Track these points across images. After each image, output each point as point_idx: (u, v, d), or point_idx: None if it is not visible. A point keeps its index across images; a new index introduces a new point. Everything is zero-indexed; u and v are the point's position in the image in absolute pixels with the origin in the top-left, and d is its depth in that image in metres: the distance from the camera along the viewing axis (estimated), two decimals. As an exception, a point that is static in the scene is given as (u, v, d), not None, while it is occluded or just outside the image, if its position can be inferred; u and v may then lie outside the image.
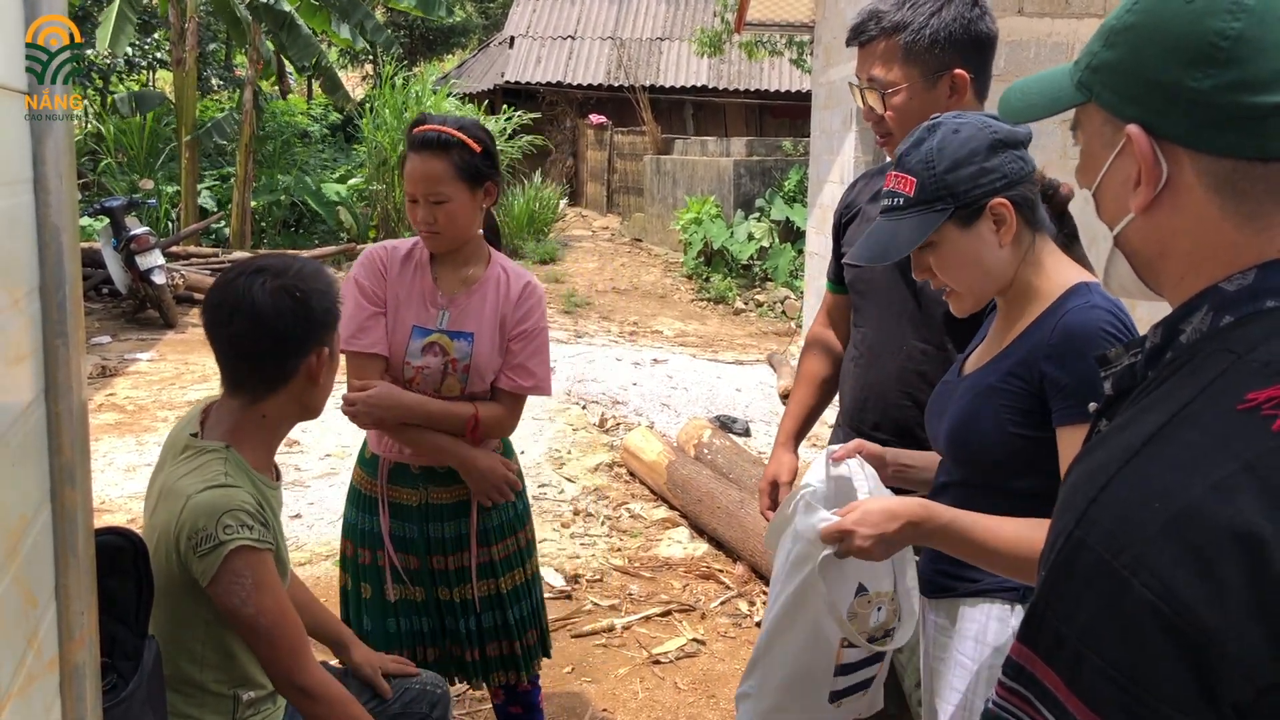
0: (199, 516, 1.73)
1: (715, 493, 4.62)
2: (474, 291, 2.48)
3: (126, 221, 9.21)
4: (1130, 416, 0.87)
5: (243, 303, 1.81)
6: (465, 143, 2.39)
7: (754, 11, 9.85)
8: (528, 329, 2.49)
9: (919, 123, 1.92)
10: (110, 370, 7.67)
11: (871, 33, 2.01)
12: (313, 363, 1.87)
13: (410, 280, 2.47)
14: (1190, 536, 0.74)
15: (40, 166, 1.16)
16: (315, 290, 1.87)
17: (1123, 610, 0.75)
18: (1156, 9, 0.88)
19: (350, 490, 2.63)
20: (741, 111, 20.28)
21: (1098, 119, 0.95)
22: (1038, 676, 0.82)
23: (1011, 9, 5.60)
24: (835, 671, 1.82)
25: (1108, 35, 0.93)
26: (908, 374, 2.09)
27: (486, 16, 27.27)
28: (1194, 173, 0.87)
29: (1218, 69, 0.84)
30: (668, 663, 3.62)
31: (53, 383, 1.19)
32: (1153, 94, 0.88)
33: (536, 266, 13.24)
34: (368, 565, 2.55)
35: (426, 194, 2.38)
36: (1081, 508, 0.81)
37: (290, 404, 1.90)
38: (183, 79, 12.77)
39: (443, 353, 2.44)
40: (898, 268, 2.11)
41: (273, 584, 1.78)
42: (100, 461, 5.54)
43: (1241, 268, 0.86)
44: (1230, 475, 0.75)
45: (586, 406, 6.66)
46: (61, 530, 1.20)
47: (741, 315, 10.91)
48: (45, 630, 1.18)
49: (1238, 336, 0.84)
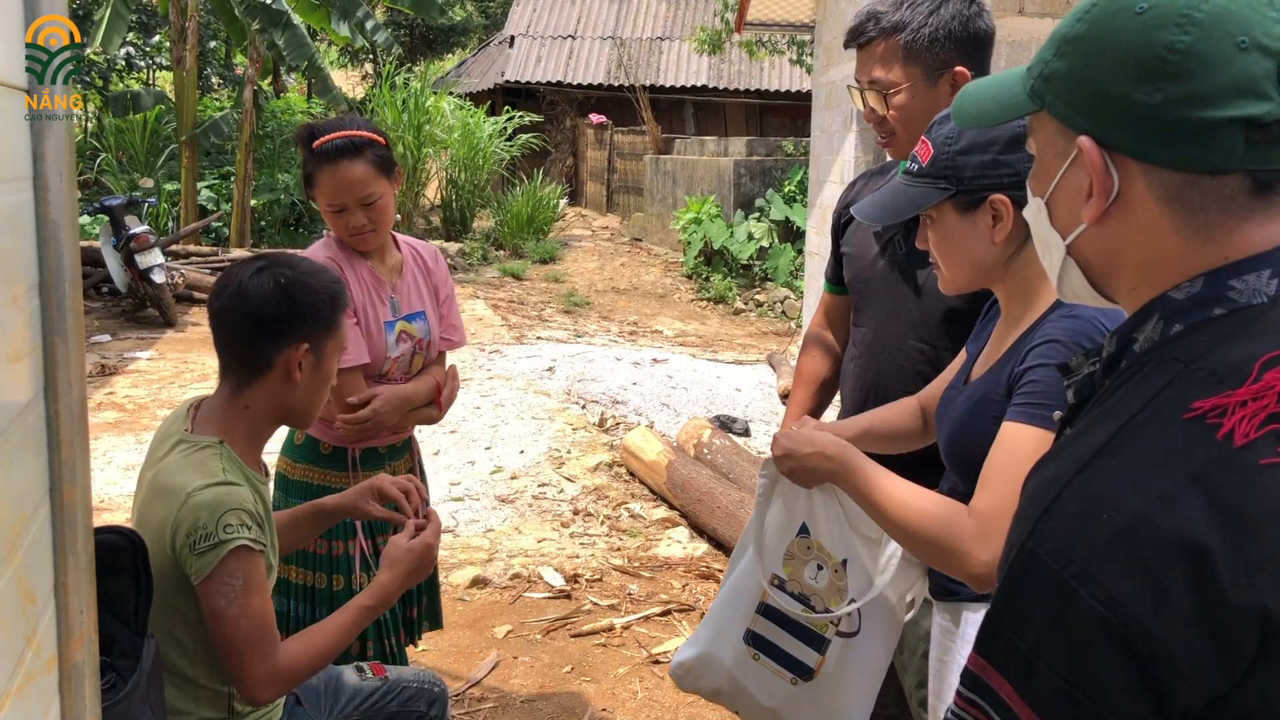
0: (200, 513, 1.72)
1: (715, 492, 4.62)
2: (404, 274, 2.62)
3: (126, 220, 9.21)
4: (1083, 427, 0.88)
5: (234, 282, 1.86)
6: (374, 139, 2.47)
7: (754, 11, 9.85)
8: (449, 291, 2.73)
9: (923, 122, 1.92)
10: (110, 369, 7.67)
11: (870, 34, 2.00)
12: (291, 357, 1.84)
13: (360, 281, 2.51)
14: (1137, 548, 0.74)
15: (40, 164, 1.16)
16: (303, 282, 1.86)
17: (1072, 622, 0.76)
18: (1106, 19, 0.87)
19: (303, 487, 2.55)
20: (742, 111, 20.29)
21: (1050, 128, 0.94)
22: (992, 686, 0.83)
23: (1012, 9, 5.60)
24: (757, 609, 1.85)
25: (1059, 44, 0.92)
26: (907, 373, 2.09)
27: (487, 16, 27.27)
28: (1145, 185, 0.87)
29: (1167, 82, 0.83)
30: (667, 662, 3.62)
31: (52, 381, 1.18)
32: (1103, 106, 0.87)
33: (536, 266, 13.24)
34: (339, 557, 2.55)
35: (359, 199, 2.44)
36: (1034, 519, 0.82)
37: (269, 399, 1.88)
38: (183, 78, 12.77)
39: (410, 337, 2.58)
40: (896, 266, 2.11)
41: (261, 586, 1.77)
42: (99, 460, 5.54)
43: (1189, 276, 0.86)
44: (1176, 485, 0.75)
45: (586, 406, 6.66)
46: (61, 528, 1.19)
47: (741, 315, 10.92)
48: (44, 629, 1.17)
49: (1185, 345, 0.84)
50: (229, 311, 1.86)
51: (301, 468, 2.58)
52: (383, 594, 1.92)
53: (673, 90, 19.81)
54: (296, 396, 1.89)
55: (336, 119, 2.53)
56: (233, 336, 1.87)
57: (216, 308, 1.87)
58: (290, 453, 2.61)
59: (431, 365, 2.69)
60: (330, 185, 2.43)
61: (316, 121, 2.58)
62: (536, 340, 8.81)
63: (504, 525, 4.84)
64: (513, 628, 3.84)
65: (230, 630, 1.74)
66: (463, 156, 14.66)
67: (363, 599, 1.93)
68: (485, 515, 4.95)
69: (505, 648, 3.69)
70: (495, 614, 3.95)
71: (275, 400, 1.89)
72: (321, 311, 1.88)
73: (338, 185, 2.42)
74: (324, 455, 2.56)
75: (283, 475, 2.60)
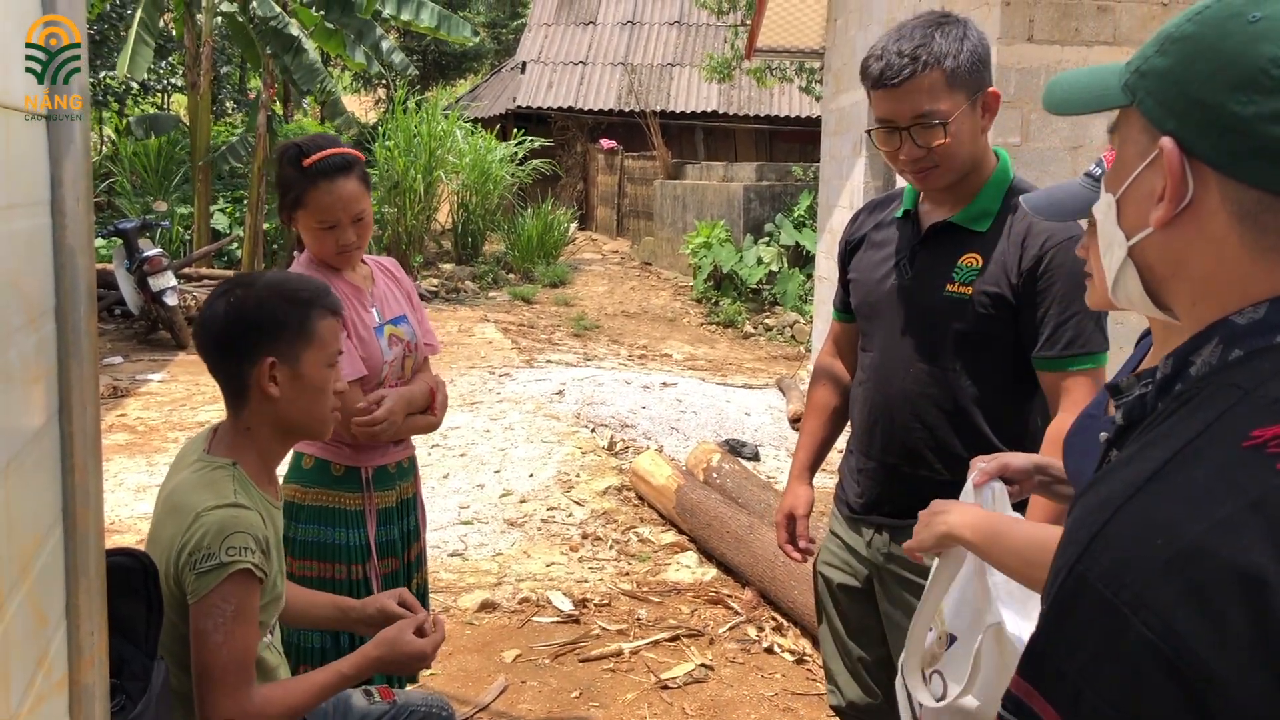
0: (207, 533, 1.73)
1: (724, 517, 4.61)
2: (376, 282, 2.65)
3: (140, 243, 9.26)
4: (1136, 450, 0.85)
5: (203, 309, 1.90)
6: (359, 156, 2.51)
7: (764, 38, 9.90)
8: (418, 299, 2.75)
9: (970, 147, 1.94)
10: (121, 391, 7.70)
11: (911, 69, 1.92)
12: (260, 374, 1.84)
13: (341, 295, 2.49)
14: (1193, 575, 0.72)
15: (58, 189, 1.17)
16: (255, 297, 1.86)
17: (1123, 648, 0.74)
18: (1217, 23, 0.85)
19: (317, 512, 2.52)
20: (751, 136, 20.36)
21: (1136, 125, 0.92)
22: (1036, 711, 0.80)
23: (1021, 36, 5.62)
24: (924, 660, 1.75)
25: (1163, 41, 0.89)
26: (915, 397, 2.09)
27: (499, 42, 27.46)
28: (1220, 197, 0.85)
29: (1263, 96, 0.81)
30: (676, 688, 3.60)
31: (66, 404, 1.19)
32: (1194, 110, 0.85)
33: (546, 289, 13.27)
34: (359, 581, 2.54)
35: (352, 215, 2.47)
36: (1084, 542, 0.79)
37: (263, 418, 1.89)
38: (197, 102, 12.87)
39: (399, 340, 2.61)
40: (904, 290, 2.11)
41: (251, 617, 1.76)
42: (111, 482, 5.56)
43: (1254, 300, 0.84)
44: (1235, 513, 0.73)
45: (595, 430, 6.66)
46: (73, 550, 1.20)
47: (751, 339, 10.91)
48: (55, 650, 1.18)
49: (1246, 372, 0.82)
50: (198, 341, 1.91)
51: (314, 492, 2.53)
52: (364, 666, 1.90)
53: (683, 116, 19.89)
54: (287, 411, 1.89)
55: (315, 136, 2.53)
56: (209, 364, 1.90)
57: (194, 339, 1.92)
58: (300, 479, 2.54)
59: (420, 371, 2.70)
60: (326, 202, 2.43)
61: (296, 140, 2.56)
62: (546, 364, 8.82)
63: (513, 549, 4.83)
64: (521, 652, 3.82)
65: (210, 656, 1.72)
66: (474, 181, 14.72)
67: (343, 666, 1.90)
68: (494, 539, 4.94)
69: (513, 672, 3.68)
70: (503, 638, 3.94)
71: (269, 419, 1.89)
72: (280, 321, 1.86)
73: (334, 202, 2.43)
74: (336, 477, 2.54)
75: (293, 503, 2.49)
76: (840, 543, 2.31)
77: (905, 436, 2.11)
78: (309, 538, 2.52)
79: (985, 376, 2.06)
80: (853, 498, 2.26)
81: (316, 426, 1.95)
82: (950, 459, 2.06)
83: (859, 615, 2.28)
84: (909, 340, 2.09)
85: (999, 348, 2.04)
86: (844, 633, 2.32)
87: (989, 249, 2.03)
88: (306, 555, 2.51)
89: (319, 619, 2.19)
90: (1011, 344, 2.03)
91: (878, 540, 2.19)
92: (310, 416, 1.92)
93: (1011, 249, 2.01)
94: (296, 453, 2.55)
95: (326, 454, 2.53)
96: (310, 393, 1.90)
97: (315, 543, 2.52)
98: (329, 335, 1.93)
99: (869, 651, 2.28)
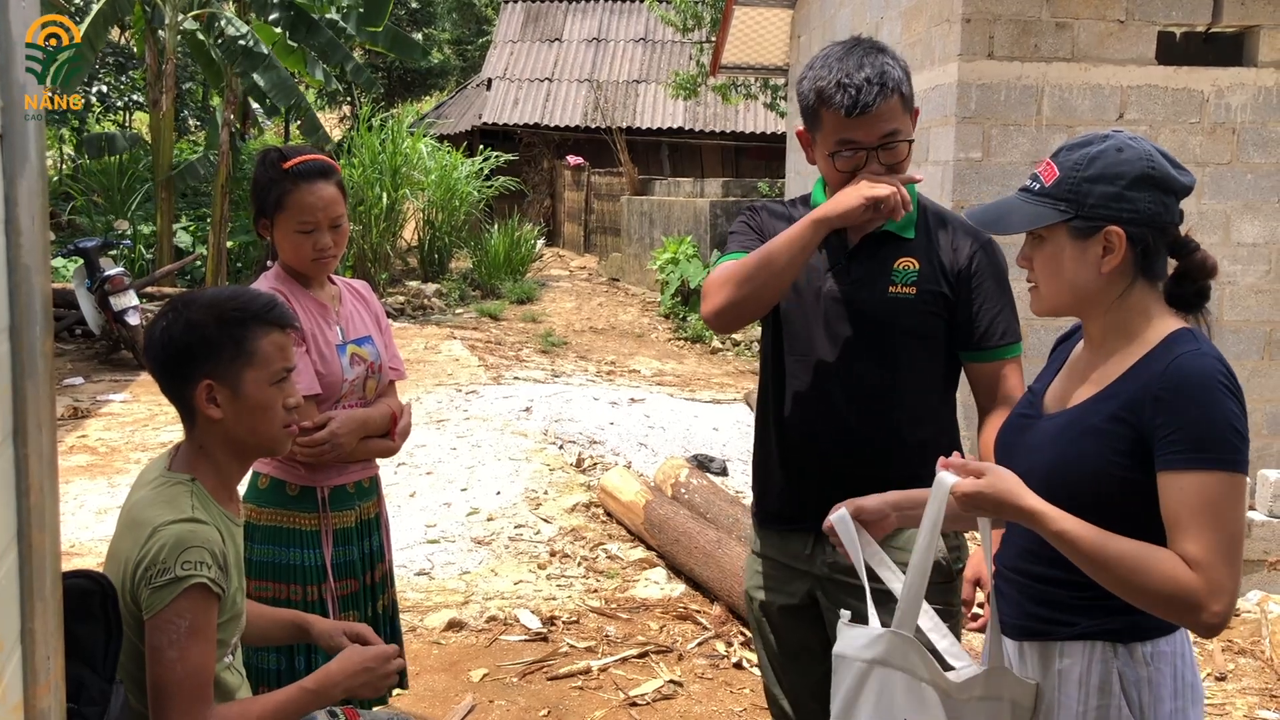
0: (163, 548, 1.71)
1: (693, 532, 4.61)
2: (343, 301, 2.64)
3: (101, 262, 9.15)
4: None
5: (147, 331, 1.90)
6: (336, 165, 2.54)
7: (729, 54, 9.98)
8: (386, 323, 2.72)
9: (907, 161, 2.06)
10: (82, 411, 7.60)
11: (878, 95, 2.00)
12: (199, 396, 1.83)
13: (306, 310, 2.50)
14: None
15: (12, 208, 1.16)
16: (186, 321, 1.84)
17: None
18: None
19: (272, 532, 2.50)
20: (717, 153, 20.47)
21: None
22: None
23: (982, 52, 5.69)
24: None
25: None
26: (858, 397, 2.14)
27: (464, 59, 27.48)
28: None
29: None
30: (645, 704, 3.59)
31: (22, 424, 1.18)
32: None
33: (514, 306, 13.25)
34: (314, 602, 2.49)
35: (330, 220, 2.49)
36: None
37: (212, 437, 1.87)
38: (159, 120, 12.77)
39: (362, 360, 2.58)
40: (840, 295, 2.13)
41: (208, 633, 1.73)
42: (71, 504, 5.48)
43: None
44: None
45: (563, 446, 6.64)
46: (29, 573, 1.18)
47: (719, 354, 10.94)
48: (10, 675, 1.16)
49: None
50: (145, 364, 1.91)
51: (269, 512, 2.50)
52: (327, 682, 1.88)
53: (649, 132, 19.98)
54: (234, 430, 1.87)
55: (294, 145, 2.56)
56: (159, 386, 1.90)
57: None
58: (255, 499, 2.51)
59: (384, 395, 2.67)
60: (306, 204, 2.44)
61: (275, 146, 2.58)
62: (514, 380, 8.79)
63: (480, 567, 4.80)
64: (489, 671, 3.80)
65: (164, 673, 1.69)
66: (440, 198, 14.69)
67: (306, 682, 1.89)
68: (461, 557, 4.92)
69: (481, 691, 3.65)
70: (471, 657, 3.91)
71: (218, 438, 1.88)
72: (214, 342, 1.83)
73: (314, 204, 2.44)
74: (291, 497, 2.50)
75: (248, 523, 2.44)
76: (772, 562, 2.29)
77: (847, 437, 2.14)
78: (264, 558, 2.49)
79: (923, 371, 2.16)
80: (785, 508, 2.25)
81: (268, 444, 1.94)
82: (893, 456, 2.12)
83: (800, 637, 2.26)
84: (852, 343, 2.13)
85: (934, 345, 2.16)
86: (781, 658, 2.31)
87: (919, 252, 2.14)
88: (262, 576, 2.48)
89: (275, 636, 2.17)
90: (945, 340, 2.16)
91: (819, 551, 2.17)
92: (258, 435, 1.90)
93: (944, 251, 2.14)
94: (254, 471, 2.52)
95: (281, 473, 2.50)
96: (256, 411, 1.87)
97: (270, 563, 2.49)
98: (272, 352, 1.88)
99: (808, 674, 2.25)
